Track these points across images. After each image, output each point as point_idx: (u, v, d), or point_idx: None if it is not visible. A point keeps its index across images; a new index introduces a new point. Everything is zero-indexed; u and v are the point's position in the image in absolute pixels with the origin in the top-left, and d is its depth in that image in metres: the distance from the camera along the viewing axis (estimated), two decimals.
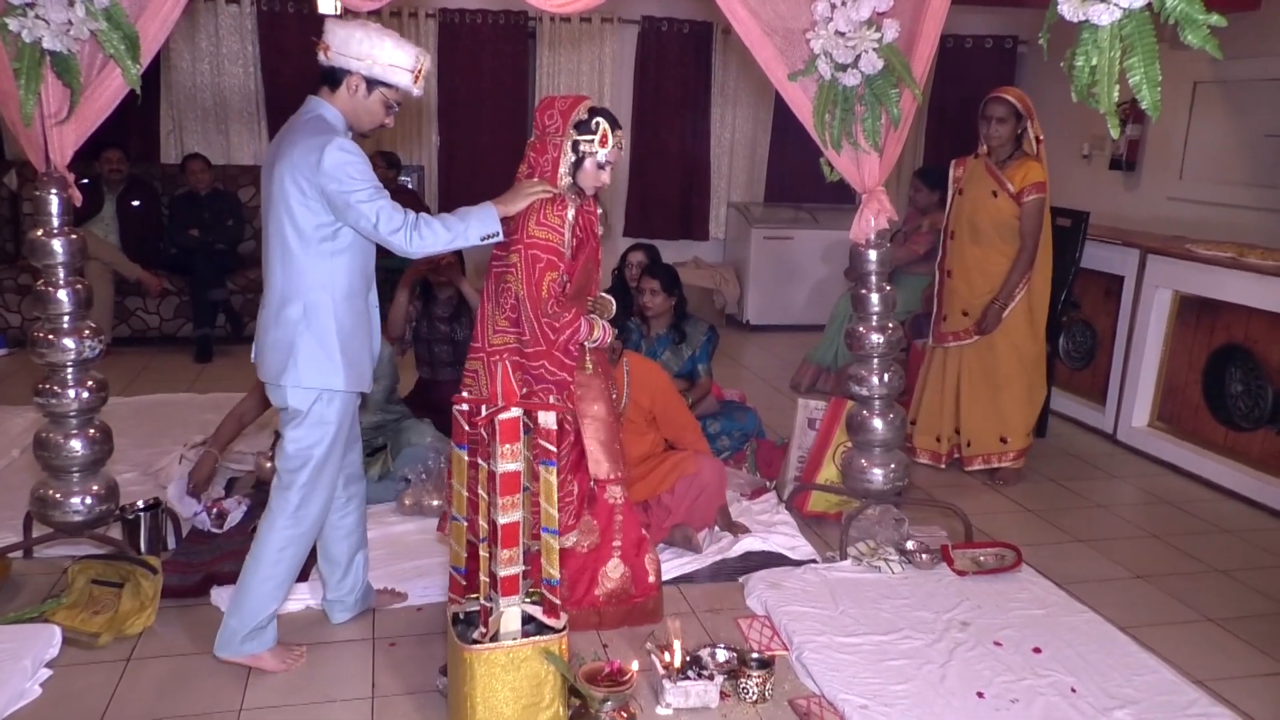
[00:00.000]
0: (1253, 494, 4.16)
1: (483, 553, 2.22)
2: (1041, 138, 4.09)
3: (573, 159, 2.68)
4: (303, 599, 3.00)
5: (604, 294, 2.96)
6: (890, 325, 3.44)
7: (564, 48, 7.12)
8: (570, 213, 2.70)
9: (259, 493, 3.80)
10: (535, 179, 2.67)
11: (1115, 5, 2.19)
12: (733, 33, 7.30)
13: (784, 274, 7.16)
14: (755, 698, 2.56)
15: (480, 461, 2.17)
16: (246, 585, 2.58)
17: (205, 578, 3.06)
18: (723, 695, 2.55)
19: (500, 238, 2.57)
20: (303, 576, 3.09)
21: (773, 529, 3.57)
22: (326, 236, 2.43)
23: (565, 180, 2.68)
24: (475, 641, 2.20)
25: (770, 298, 7.18)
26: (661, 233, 7.36)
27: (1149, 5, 2.16)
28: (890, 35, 3.03)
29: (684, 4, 7.18)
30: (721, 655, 2.69)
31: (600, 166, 2.70)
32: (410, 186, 6.97)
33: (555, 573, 2.26)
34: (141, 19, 2.74)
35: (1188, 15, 2.12)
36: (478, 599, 2.26)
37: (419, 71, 2.49)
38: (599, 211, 2.87)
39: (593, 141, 2.66)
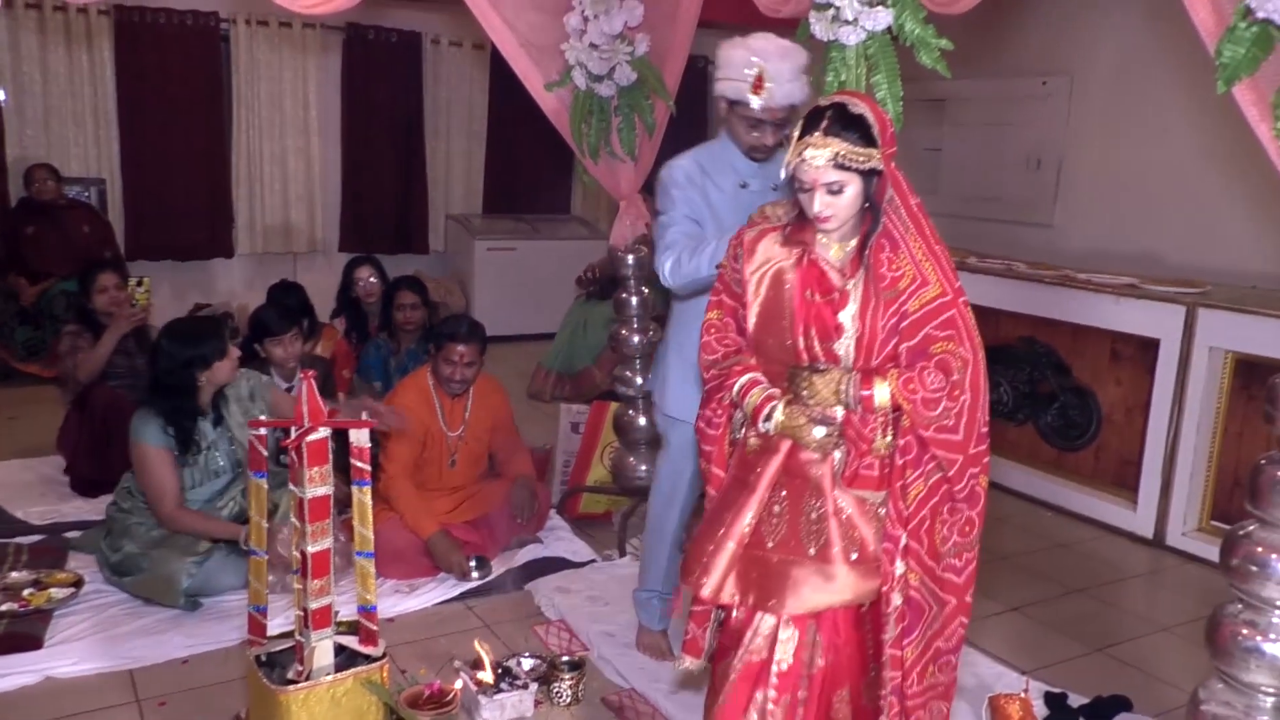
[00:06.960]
0: None
1: (295, 584, 2.06)
2: None
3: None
4: (39, 668, 2.62)
5: (811, 369, 1.82)
6: (650, 327, 3.59)
7: (262, 53, 6.68)
8: (745, 242, 1.91)
9: None
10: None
11: (861, 28, 2.45)
12: (442, 43, 7.36)
13: (509, 285, 7.19)
14: (569, 700, 2.57)
15: (292, 487, 2.01)
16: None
17: None
18: (536, 702, 2.54)
19: None
20: (36, 645, 2.70)
21: (550, 533, 3.59)
22: None
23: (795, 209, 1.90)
24: (291, 681, 2.03)
25: (497, 309, 7.15)
26: (379, 246, 7.05)
27: (889, 29, 2.44)
28: (642, 49, 3.17)
29: (392, 12, 6.98)
30: (528, 663, 2.67)
31: (803, 188, 1.81)
32: (86, 200, 6.22)
33: (372, 598, 2.14)
34: None
35: (922, 39, 2.42)
36: (292, 635, 2.10)
37: (756, 80, 2.32)
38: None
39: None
